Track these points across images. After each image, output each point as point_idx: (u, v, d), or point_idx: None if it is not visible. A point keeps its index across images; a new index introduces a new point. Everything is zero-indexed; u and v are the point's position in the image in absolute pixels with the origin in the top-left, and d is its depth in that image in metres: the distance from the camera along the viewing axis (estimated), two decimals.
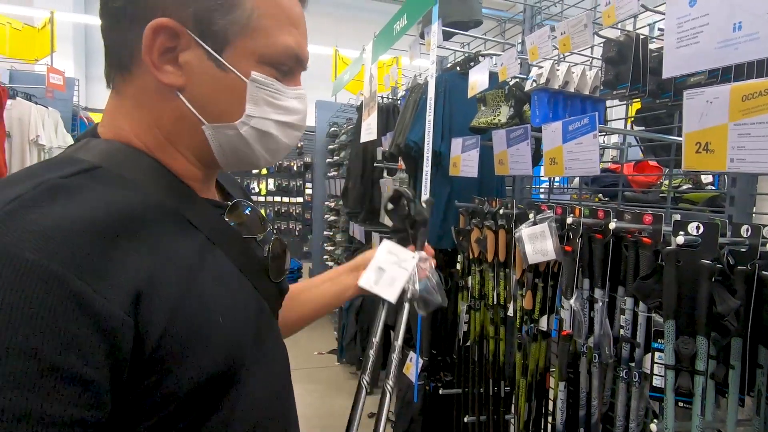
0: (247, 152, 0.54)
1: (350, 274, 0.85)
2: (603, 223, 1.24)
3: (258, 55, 0.50)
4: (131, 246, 0.41)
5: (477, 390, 1.82)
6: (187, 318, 0.43)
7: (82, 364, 0.36)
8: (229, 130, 0.52)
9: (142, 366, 0.40)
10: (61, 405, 0.34)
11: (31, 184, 0.40)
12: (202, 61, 0.49)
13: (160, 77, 0.48)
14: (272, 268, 0.59)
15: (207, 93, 0.50)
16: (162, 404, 0.42)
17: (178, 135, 0.52)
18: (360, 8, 8.58)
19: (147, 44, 0.47)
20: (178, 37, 0.48)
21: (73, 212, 0.39)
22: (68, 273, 0.36)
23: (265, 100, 0.52)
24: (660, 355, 1.02)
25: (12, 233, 0.35)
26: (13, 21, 4.28)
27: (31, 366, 0.33)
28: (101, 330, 0.37)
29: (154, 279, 0.41)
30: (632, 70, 1.27)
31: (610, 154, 3.03)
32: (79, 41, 7.60)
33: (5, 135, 3.38)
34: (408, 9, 2.28)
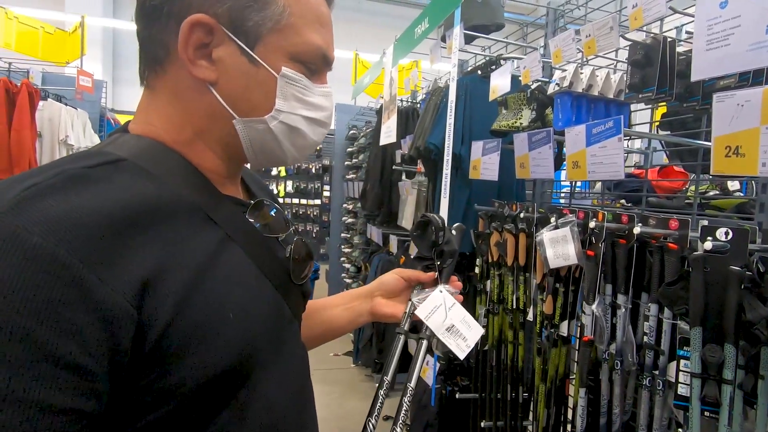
0: (275, 147, 0.55)
1: (365, 300, 0.83)
2: (627, 228, 1.22)
3: (288, 52, 0.51)
4: (142, 238, 0.41)
5: (494, 395, 1.81)
6: (194, 313, 0.43)
7: (80, 352, 0.35)
8: (259, 124, 0.52)
9: (144, 359, 0.40)
10: (55, 392, 0.34)
11: (53, 172, 0.41)
12: (235, 56, 0.50)
13: (195, 72, 0.49)
14: (294, 270, 0.59)
15: (239, 88, 0.51)
16: (165, 399, 0.41)
17: (209, 130, 0.52)
18: (380, 13, 8.63)
19: (183, 39, 0.48)
20: (213, 33, 0.49)
21: (88, 201, 0.39)
22: (74, 260, 0.36)
23: (294, 96, 0.53)
24: (686, 363, 1.00)
25: (23, 217, 0.36)
26: (46, 25, 4.43)
27: (28, 350, 0.33)
28: (103, 319, 0.37)
29: (163, 271, 0.41)
30: (659, 73, 1.25)
31: (633, 159, 2.98)
32: (108, 45, 7.83)
33: (36, 135, 3.50)
34: (430, 13, 2.29)
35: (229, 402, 0.47)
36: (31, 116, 3.35)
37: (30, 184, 0.38)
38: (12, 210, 0.36)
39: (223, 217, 0.51)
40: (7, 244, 0.34)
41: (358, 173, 4.44)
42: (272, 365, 0.52)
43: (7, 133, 3.21)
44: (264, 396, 0.50)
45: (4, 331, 0.33)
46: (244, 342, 0.47)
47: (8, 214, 0.36)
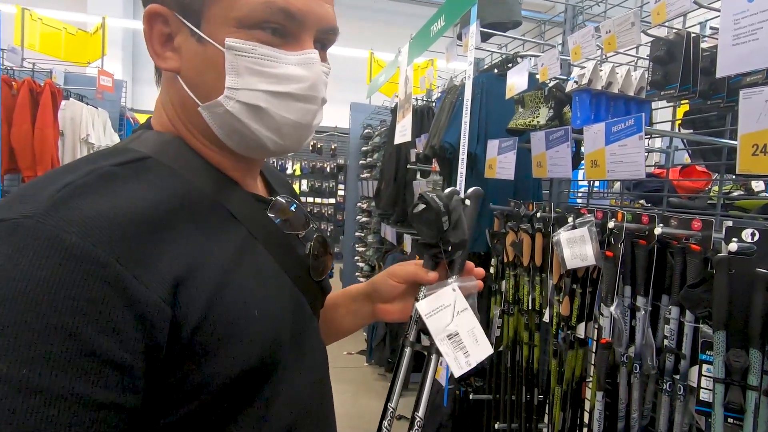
0: (244, 131, 0.49)
1: (364, 302, 0.74)
2: (647, 229, 1.19)
3: (234, 19, 0.45)
4: (173, 236, 0.42)
5: (509, 397, 1.79)
6: (223, 309, 0.43)
7: (119, 348, 0.36)
8: (217, 108, 0.48)
9: (177, 354, 0.40)
10: (97, 387, 0.35)
11: (85, 170, 0.41)
12: (187, 39, 0.48)
13: (159, 63, 0.50)
14: (314, 267, 0.59)
15: (194, 71, 0.48)
16: (194, 394, 0.42)
17: (190, 121, 0.51)
18: (395, 12, 8.62)
19: (146, 34, 0.49)
20: (169, 22, 0.48)
21: (120, 201, 0.40)
22: (111, 259, 0.37)
23: (249, 69, 0.46)
24: (708, 368, 0.97)
25: (60, 218, 0.36)
26: (69, 26, 4.53)
27: (70, 346, 0.34)
28: (139, 316, 0.37)
29: (193, 269, 0.42)
30: (682, 70, 1.21)
31: (653, 158, 2.92)
32: (128, 45, 7.97)
33: (59, 133, 3.58)
34: (446, 11, 2.27)
35: (255, 398, 0.47)
36: (53, 115, 3.42)
37: (64, 184, 0.39)
38: (49, 210, 0.37)
39: (245, 215, 0.51)
40: (46, 244, 0.35)
41: (373, 172, 4.44)
42: (294, 362, 0.52)
43: (31, 131, 3.29)
44: (287, 392, 0.51)
45: (48, 329, 0.34)
46: (268, 339, 0.48)
47: (45, 215, 0.36)
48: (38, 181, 0.41)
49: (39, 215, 0.36)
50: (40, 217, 0.36)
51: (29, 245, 0.35)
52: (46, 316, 0.34)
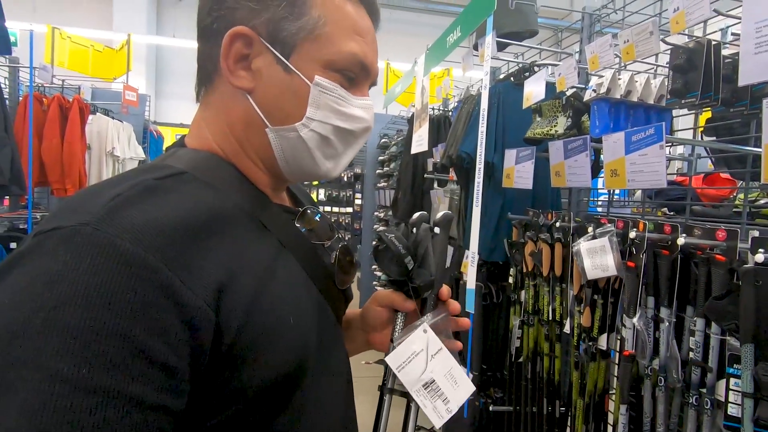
0: (306, 157, 0.54)
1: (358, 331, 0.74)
2: (670, 239, 1.17)
3: (323, 60, 0.52)
4: (215, 243, 0.44)
5: (530, 408, 1.76)
6: (261, 316, 0.45)
7: (168, 351, 0.37)
8: (290, 132, 0.53)
9: (219, 359, 0.41)
10: (148, 388, 0.36)
11: (130, 183, 0.44)
12: (271, 66, 0.51)
13: (233, 80, 0.52)
14: (338, 276, 0.60)
15: (273, 96, 0.52)
16: (235, 399, 0.43)
17: (248, 140, 0.54)
18: (412, 22, 8.69)
19: (224, 51, 0.51)
20: (252, 45, 0.51)
21: (166, 210, 0.42)
22: (161, 264, 0.38)
23: (328, 105, 0.53)
24: (736, 382, 0.95)
25: (114, 226, 0.38)
26: (96, 44, 4.69)
27: (124, 348, 0.35)
28: (186, 321, 0.39)
29: (234, 276, 0.43)
30: (703, 78, 1.20)
31: (675, 166, 2.86)
32: (151, 61, 8.21)
33: (86, 147, 3.69)
34: (462, 21, 2.29)
35: (287, 404, 0.48)
36: (81, 130, 3.54)
37: (114, 195, 0.41)
38: (104, 219, 0.39)
39: (276, 225, 0.53)
40: (102, 250, 0.37)
41: (390, 181, 4.46)
42: (322, 368, 0.54)
43: (60, 145, 3.41)
44: (316, 399, 0.52)
45: (104, 331, 0.35)
46: (300, 345, 0.49)
47: (101, 223, 0.38)
48: (84, 193, 0.44)
49: (94, 223, 0.38)
50: (95, 225, 0.38)
51: (87, 251, 0.37)
52: (103, 318, 0.35)
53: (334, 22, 0.52)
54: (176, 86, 8.47)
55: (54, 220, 0.40)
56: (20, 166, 2.67)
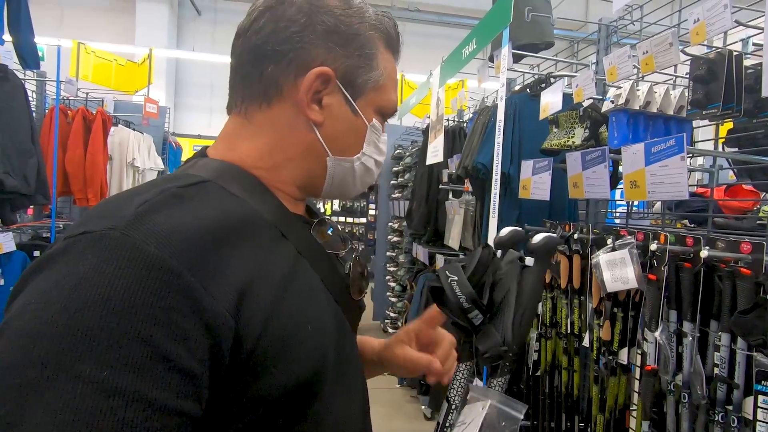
0: (350, 183, 0.62)
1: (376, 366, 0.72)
2: (692, 251, 1.15)
3: (378, 106, 0.61)
4: (236, 251, 0.44)
5: (548, 423, 1.73)
6: (281, 323, 0.45)
7: (189, 356, 0.38)
8: (346, 163, 0.60)
9: (239, 366, 0.42)
10: (168, 393, 0.36)
11: (156, 191, 0.45)
12: (341, 105, 0.58)
13: (308, 113, 0.56)
14: (353, 286, 0.61)
15: (338, 131, 0.58)
16: (253, 407, 0.43)
17: (300, 162, 0.58)
18: (426, 34, 8.76)
19: (307, 85, 0.55)
20: (328, 84, 0.56)
21: (190, 217, 0.43)
22: (184, 270, 0.39)
23: (374, 142, 0.62)
24: (765, 399, 0.92)
25: (141, 231, 0.39)
26: (119, 58, 4.84)
27: (146, 352, 0.36)
28: (207, 327, 0.39)
29: (254, 284, 0.44)
30: (725, 89, 1.19)
31: (695, 177, 2.82)
32: (171, 74, 8.41)
33: (108, 158, 3.79)
34: (477, 33, 2.30)
35: (306, 413, 0.48)
36: (104, 141, 3.63)
37: (142, 201, 0.43)
38: (131, 224, 0.40)
39: (294, 234, 0.54)
40: (128, 254, 0.38)
41: (404, 192, 4.46)
42: (340, 378, 0.54)
43: (83, 156, 3.50)
44: (335, 408, 0.52)
45: (127, 334, 0.36)
46: (319, 353, 0.50)
47: (129, 228, 0.40)
48: (112, 200, 0.45)
49: (122, 228, 0.39)
50: (123, 230, 0.39)
51: (113, 255, 0.38)
52: (125, 321, 0.36)
53: (389, 76, 0.61)
54: (195, 99, 8.65)
55: (83, 225, 0.41)
56: (45, 177, 2.75)
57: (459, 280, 0.46)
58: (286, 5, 0.55)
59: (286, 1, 0.55)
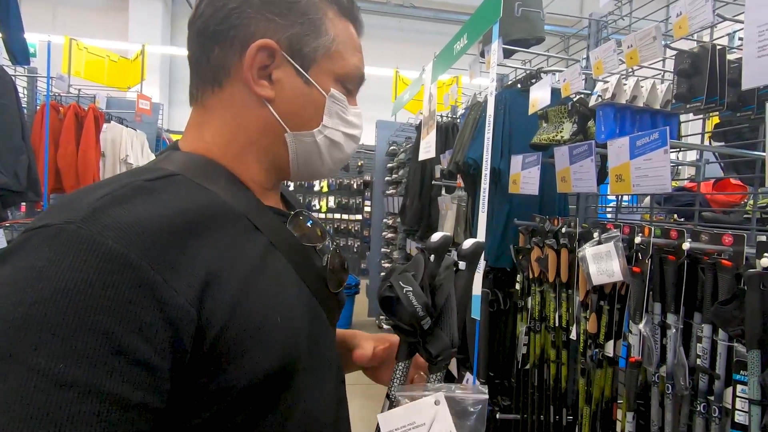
0: (317, 159, 0.60)
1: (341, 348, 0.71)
2: (676, 244, 1.16)
3: (335, 74, 0.58)
4: (200, 243, 0.44)
5: (537, 416, 1.75)
6: (247, 315, 0.45)
7: (148, 349, 0.37)
8: (307, 137, 0.58)
9: (201, 358, 0.42)
10: (126, 386, 0.36)
11: (119, 184, 0.44)
12: (292, 77, 0.56)
13: (257, 90, 0.54)
14: (330, 279, 0.60)
15: (293, 105, 0.56)
16: (218, 397, 0.43)
17: (260, 142, 0.57)
18: (420, 30, 8.75)
19: (249, 61, 0.53)
20: (274, 57, 0.54)
21: (152, 210, 0.43)
22: (143, 263, 0.39)
23: (337, 114, 0.59)
24: (743, 389, 0.93)
25: (98, 224, 0.39)
26: (111, 54, 4.80)
27: (103, 345, 0.36)
28: (168, 319, 0.39)
29: (219, 275, 0.44)
30: (708, 83, 1.19)
31: (686, 172, 2.83)
32: (165, 70, 8.37)
33: (100, 154, 3.77)
34: (468, 29, 2.30)
35: (275, 405, 0.48)
36: (96, 138, 3.62)
37: (102, 194, 0.42)
38: (89, 217, 0.40)
39: (266, 226, 0.54)
40: (85, 247, 0.38)
41: (398, 188, 4.47)
42: (312, 370, 0.54)
43: (75, 153, 3.48)
44: (305, 400, 0.52)
45: (83, 327, 0.35)
46: (289, 345, 0.49)
47: (85, 221, 0.39)
48: (76, 193, 0.45)
49: (79, 221, 0.39)
50: (80, 223, 0.39)
51: (70, 248, 0.38)
52: (82, 314, 0.36)
53: (343, 41, 0.58)
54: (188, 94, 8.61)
55: (43, 218, 0.41)
56: (37, 173, 2.73)
57: (414, 291, 0.50)
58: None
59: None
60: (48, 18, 7.82)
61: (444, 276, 0.52)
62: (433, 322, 0.50)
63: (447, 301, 0.51)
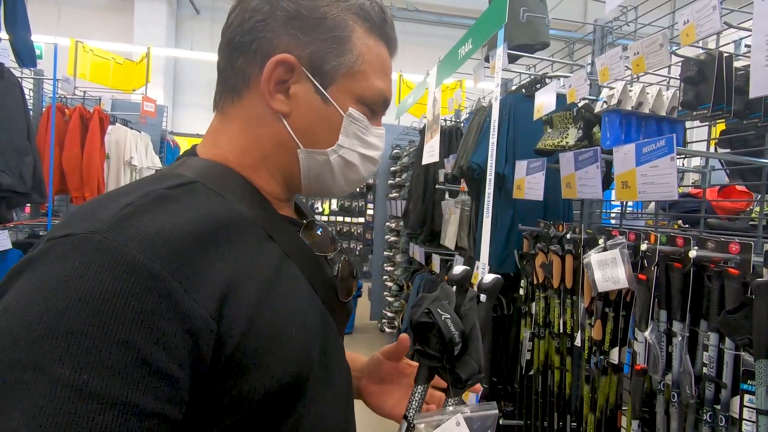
0: (329, 178, 0.59)
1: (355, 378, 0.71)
2: (682, 251, 1.16)
3: (356, 94, 0.56)
4: (219, 254, 0.44)
5: (540, 423, 1.74)
6: (264, 325, 0.45)
7: (169, 360, 0.38)
8: (320, 156, 0.57)
9: (220, 369, 0.42)
10: (147, 396, 0.36)
11: (142, 193, 0.44)
12: (309, 94, 0.55)
13: (272, 103, 0.54)
14: (341, 288, 0.60)
15: (308, 121, 0.56)
16: (234, 409, 0.43)
17: (274, 156, 0.56)
18: (425, 34, 8.77)
19: (267, 74, 0.53)
20: (293, 72, 0.54)
21: (174, 220, 0.43)
22: (166, 273, 0.39)
23: (355, 134, 0.58)
24: (751, 398, 0.93)
25: (123, 234, 0.39)
26: (116, 56, 4.83)
27: (126, 356, 0.36)
28: (188, 330, 0.39)
29: (237, 286, 0.44)
30: (715, 90, 1.19)
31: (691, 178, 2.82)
32: (169, 72, 8.40)
33: (105, 157, 3.78)
34: (473, 34, 2.30)
35: (288, 414, 0.48)
36: (101, 140, 3.63)
37: (125, 203, 0.42)
38: (113, 227, 0.40)
39: (281, 235, 0.54)
40: (110, 257, 0.38)
41: (401, 192, 4.47)
42: (324, 379, 0.54)
43: (80, 155, 3.49)
44: (317, 409, 0.52)
45: (107, 338, 0.36)
46: (303, 355, 0.49)
47: (110, 231, 0.39)
48: (97, 201, 0.45)
49: (104, 231, 0.39)
50: (105, 233, 0.39)
51: (95, 258, 0.38)
52: (106, 325, 0.36)
53: (369, 62, 0.56)
54: (193, 97, 8.64)
55: (66, 227, 0.41)
56: (41, 175, 2.74)
57: (452, 318, 0.54)
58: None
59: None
60: (53, 19, 7.87)
61: (468, 307, 0.56)
62: (461, 349, 0.54)
63: (473, 330, 0.55)
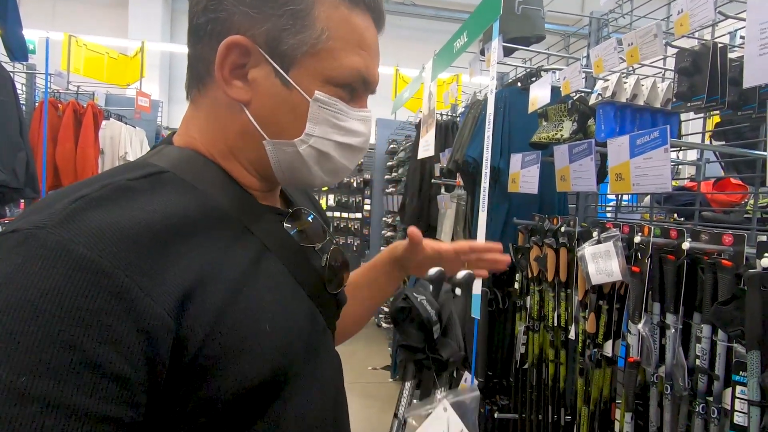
0: (303, 170, 0.53)
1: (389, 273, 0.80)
2: (676, 244, 1.16)
3: (324, 75, 0.50)
4: (184, 249, 0.42)
5: (535, 416, 1.74)
6: (232, 324, 0.43)
7: (120, 361, 0.36)
8: (288, 147, 0.51)
9: (183, 369, 0.40)
10: (95, 399, 0.34)
11: (100, 184, 0.42)
12: (269, 78, 0.49)
13: (229, 91, 0.50)
14: (330, 279, 0.58)
15: (270, 109, 0.50)
16: (202, 410, 0.41)
17: (242, 148, 0.52)
18: (421, 28, 8.72)
19: (219, 59, 0.48)
20: (249, 55, 0.49)
21: (131, 213, 0.40)
22: (117, 270, 0.36)
23: (327, 121, 0.51)
24: (742, 390, 0.93)
25: (70, 229, 0.37)
26: (111, 51, 4.79)
27: (70, 357, 0.34)
28: (143, 330, 0.37)
29: (203, 283, 0.42)
30: (709, 81, 1.18)
31: (687, 171, 2.82)
32: (165, 67, 8.34)
33: (99, 152, 3.76)
34: (468, 27, 2.29)
35: (264, 414, 0.47)
36: (95, 135, 3.61)
37: (78, 196, 0.40)
38: (60, 222, 0.37)
39: (260, 228, 0.51)
40: (54, 254, 0.36)
41: (398, 187, 4.46)
42: (306, 376, 0.52)
43: (74, 150, 3.48)
44: (298, 407, 0.50)
45: (50, 338, 0.34)
46: (279, 354, 0.47)
47: (56, 226, 0.37)
48: (55, 194, 0.42)
49: (50, 226, 0.37)
50: (50, 228, 0.37)
51: (38, 255, 0.36)
52: (49, 325, 0.34)
53: (339, 36, 0.49)
54: None
55: (16, 222, 0.39)
56: (35, 170, 2.73)
57: (427, 299, 0.55)
58: None
59: None
60: (48, 14, 7.80)
61: (444, 298, 0.58)
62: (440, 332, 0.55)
63: (450, 316, 0.57)
